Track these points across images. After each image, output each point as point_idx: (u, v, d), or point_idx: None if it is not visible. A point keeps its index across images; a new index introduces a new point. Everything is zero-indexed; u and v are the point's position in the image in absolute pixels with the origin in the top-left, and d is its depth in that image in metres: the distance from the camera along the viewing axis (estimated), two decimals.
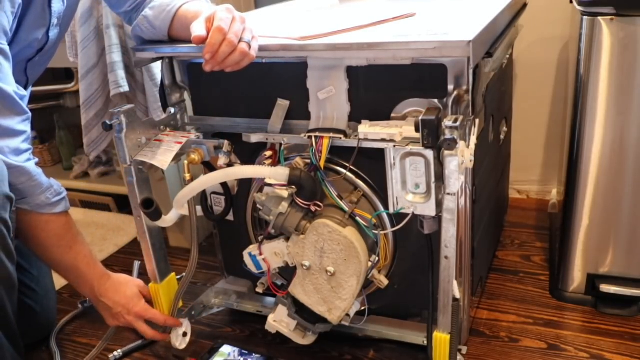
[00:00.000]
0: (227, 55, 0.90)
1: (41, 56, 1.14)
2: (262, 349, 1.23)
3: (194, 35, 0.91)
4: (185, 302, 1.25)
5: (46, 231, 1.10)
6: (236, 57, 0.91)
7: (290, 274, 1.10)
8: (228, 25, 0.90)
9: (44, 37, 1.10)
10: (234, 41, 0.89)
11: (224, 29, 0.89)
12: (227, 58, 0.90)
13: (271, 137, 1.06)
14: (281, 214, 1.01)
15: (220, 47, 0.89)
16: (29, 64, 1.14)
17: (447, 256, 0.92)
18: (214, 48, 0.89)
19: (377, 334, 1.17)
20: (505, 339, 1.22)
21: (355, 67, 0.97)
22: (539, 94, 1.70)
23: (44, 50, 1.13)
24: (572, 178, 1.22)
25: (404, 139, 0.92)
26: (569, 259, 1.28)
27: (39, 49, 1.12)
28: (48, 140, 2.25)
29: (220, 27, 0.89)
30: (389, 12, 1.15)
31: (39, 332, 1.33)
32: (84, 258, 1.16)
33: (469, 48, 0.85)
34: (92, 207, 2.05)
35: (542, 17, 1.59)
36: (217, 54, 0.89)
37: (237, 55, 0.90)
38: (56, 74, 1.96)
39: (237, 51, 0.90)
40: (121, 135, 1.05)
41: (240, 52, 0.90)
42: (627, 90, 1.09)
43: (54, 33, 1.12)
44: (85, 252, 1.17)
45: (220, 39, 0.89)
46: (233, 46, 0.89)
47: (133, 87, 1.48)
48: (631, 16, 1.04)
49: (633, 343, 1.17)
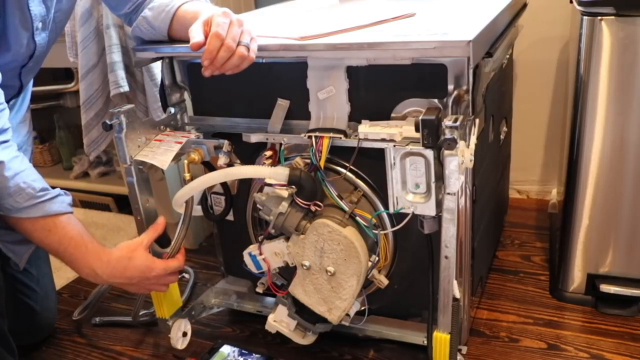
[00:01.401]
0: (226, 60, 0.91)
1: (34, 62, 1.14)
2: (262, 349, 1.23)
3: (192, 41, 0.91)
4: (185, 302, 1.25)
5: None
6: (235, 61, 0.91)
7: (290, 274, 1.10)
8: (225, 30, 0.90)
9: (31, 43, 1.08)
10: (232, 46, 0.90)
11: (222, 35, 0.89)
12: (226, 62, 0.91)
13: (271, 137, 1.06)
14: (281, 213, 1.01)
15: (219, 53, 0.89)
16: (23, 69, 1.13)
17: (447, 256, 0.92)
18: (212, 54, 0.89)
19: (377, 334, 1.18)
20: (505, 339, 1.22)
21: (356, 67, 0.97)
22: (539, 94, 1.70)
23: (34, 55, 1.12)
24: (572, 178, 1.22)
25: (404, 139, 0.92)
26: (569, 259, 1.28)
27: (30, 55, 1.11)
28: (48, 140, 2.25)
29: (217, 32, 0.89)
30: (389, 12, 1.15)
31: (39, 332, 1.33)
32: (71, 240, 1.02)
33: (469, 48, 0.85)
34: (92, 207, 2.05)
35: (542, 17, 1.59)
36: (216, 60, 0.90)
37: (236, 59, 0.91)
38: (56, 74, 1.97)
39: (236, 55, 0.91)
40: (121, 135, 1.05)
41: (239, 56, 0.91)
42: (627, 90, 1.09)
43: (41, 37, 1.10)
44: (71, 233, 1.02)
45: (218, 44, 0.89)
46: (231, 51, 0.90)
47: (133, 87, 1.48)
48: (631, 16, 1.04)
49: (633, 343, 1.17)
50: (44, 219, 1.00)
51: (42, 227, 1.00)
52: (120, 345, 1.29)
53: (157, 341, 1.30)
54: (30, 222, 0.99)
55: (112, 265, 1.03)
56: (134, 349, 1.29)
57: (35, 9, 1.05)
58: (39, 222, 1.00)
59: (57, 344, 1.33)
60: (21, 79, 1.15)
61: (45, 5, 1.07)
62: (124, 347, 1.29)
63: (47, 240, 1.01)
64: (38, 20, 1.07)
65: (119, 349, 1.29)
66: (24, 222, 0.99)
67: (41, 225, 1.00)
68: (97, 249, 1.04)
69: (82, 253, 1.02)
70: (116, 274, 1.04)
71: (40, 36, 1.09)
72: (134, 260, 1.04)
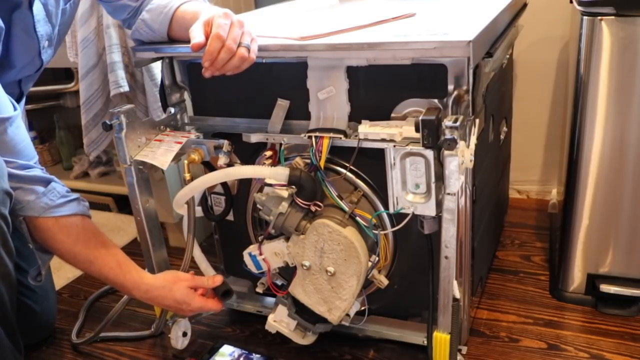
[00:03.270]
0: (226, 61, 0.91)
1: (38, 73, 1.15)
2: (262, 349, 1.23)
3: (193, 42, 0.91)
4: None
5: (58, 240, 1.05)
6: (235, 62, 0.92)
7: (290, 274, 1.10)
8: (226, 32, 0.90)
9: (37, 60, 1.09)
10: (232, 47, 0.90)
11: (222, 36, 0.89)
12: (226, 64, 0.91)
13: (271, 137, 1.06)
14: (281, 214, 1.01)
15: (219, 54, 0.90)
16: (24, 79, 1.14)
17: (447, 256, 0.92)
18: (213, 55, 0.90)
19: (377, 334, 1.18)
20: (505, 339, 1.22)
21: (356, 67, 0.97)
22: (539, 94, 1.70)
23: (40, 69, 1.13)
24: (572, 178, 1.22)
25: (404, 139, 0.92)
26: (569, 259, 1.28)
27: (36, 70, 1.12)
28: (48, 140, 2.25)
29: (218, 34, 0.89)
30: (389, 12, 1.15)
31: (39, 332, 1.33)
32: (110, 270, 1.07)
33: (469, 48, 0.85)
34: (92, 207, 2.01)
35: (542, 17, 1.59)
36: (216, 61, 0.90)
37: (236, 60, 0.91)
38: (56, 74, 1.96)
39: (236, 56, 0.91)
40: (121, 135, 1.05)
41: (239, 57, 0.91)
42: (627, 90, 1.09)
43: (47, 55, 1.10)
44: (110, 264, 1.08)
45: (218, 46, 0.89)
46: (232, 52, 0.90)
47: (133, 87, 1.48)
48: (631, 16, 1.04)
49: (633, 343, 1.17)
50: (76, 225, 1.06)
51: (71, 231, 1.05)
52: (121, 345, 1.29)
53: (157, 341, 1.30)
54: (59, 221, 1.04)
55: (151, 296, 1.09)
56: (134, 349, 1.29)
57: (41, 29, 1.06)
58: (70, 219, 1.05)
59: (57, 344, 1.33)
60: (21, 87, 1.16)
61: (50, 24, 1.07)
62: (124, 347, 1.29)
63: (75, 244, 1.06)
64: (44, 39, 1.07)
65: (119, 349, 1.29)
66: (52, 221, 1.03)
67: (74, 230, 1.05)
68: (135, 280, 1.08)
69: (121, 281, 1.08)
70: (152, 301, 1.11)
71: (47, 53, 1.11)
72: (174, 293, 1.09)
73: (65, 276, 1.60)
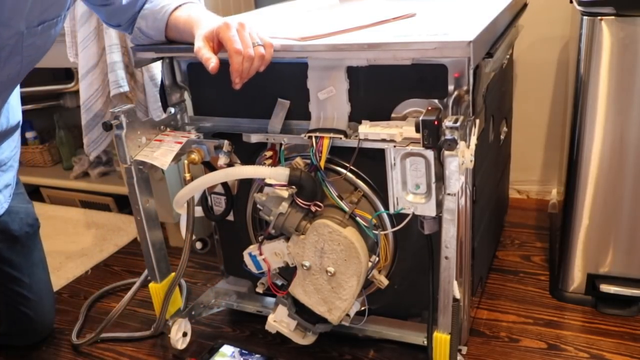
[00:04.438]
0: (249, 68, 0.93)
1: None
2: (262, 349, 1.23)
3: (211, 66, 0.92)
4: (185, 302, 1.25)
5: None
6: (256, 64, 0.93)
7: (290, 274, 1.10)
8: (239, 42, 0.91)
9: None
10: (251, 54, 0.91)
11: (239, 49, 0.90)
12: (250, 69, 0.93)
13: (271, 137, 1.06)
14: (281, 214, 1.01)
15: (243, 66, 0.91)
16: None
17: (447, 256, 0.92)
18: (240, 70, 0.91)
19: (377, 334, 1.18)
20: (505, 339, 1.22)
21: (356, 68, 0.97)
22: (539, 94, 1.70)
23: None
24: (572, 178, 1.22)
25: (404, 139, 0.92)
26: (569, 259, 1.28)
27: None
28: (48, 140, 2.25)
29: (235, 49, 0.90)
30: (389, 12, 1.15)
31: (36, 335, 1.33)
32: None
33: (469, 48, 0.85)
34: (92, 207, 2.05)
35: (542, 17, 1.59)
36: (243, 73, 0.92)
37: (257, 62, 0.93)
38: (56, 74, 1.96)
39: (256, 59, 0.92)
40: (121, 135, 1.05)
41: (259, 58, 0.93)
42: (627, 90, 1.09)
43: None
44: None
45: (240, 59, 0.91)
46: (252, 58, 0.92)
47: (133, 87, 1.48)
48: (631, 16, 1.04)
49: (633, 343, 1.17)
50: None
51: None
52: (121, 345, 1.29)
53: (157, 341, 1.30)
54: None
55: None
56: (134, 349, 1.29)
57: None
58: None
59: (57, 344, 1.33)
60: None
61: None
62: (124, 347, 1.29)
63: None
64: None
65: (119, 349, 1.29)
66: None
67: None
68: None
69: None
70: None
71: None
72: None
73: (65, 276, 1.60)
